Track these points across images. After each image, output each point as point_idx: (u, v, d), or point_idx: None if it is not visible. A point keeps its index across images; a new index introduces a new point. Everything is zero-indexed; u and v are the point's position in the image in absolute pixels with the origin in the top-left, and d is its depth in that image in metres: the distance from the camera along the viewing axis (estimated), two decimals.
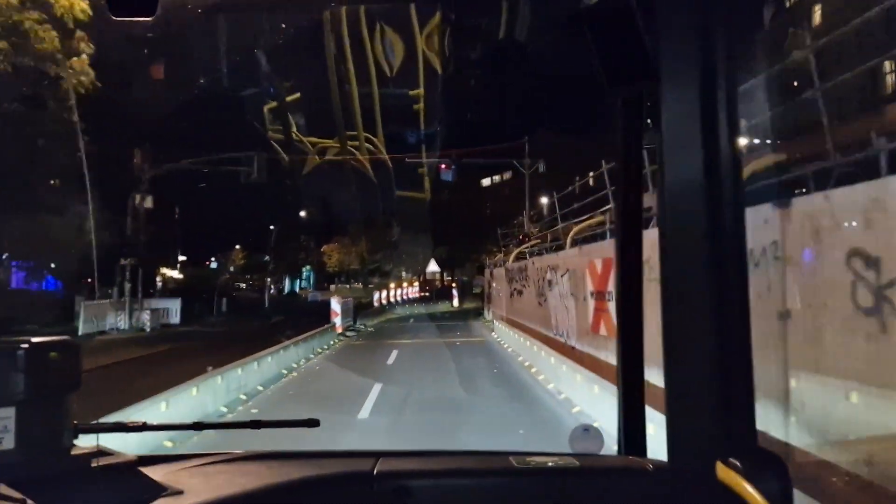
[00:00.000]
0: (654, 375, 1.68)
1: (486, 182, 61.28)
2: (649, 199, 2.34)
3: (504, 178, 55.35)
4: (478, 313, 38.03)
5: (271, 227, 55.85)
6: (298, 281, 67.38)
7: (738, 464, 1.45)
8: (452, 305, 46.46)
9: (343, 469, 1.75)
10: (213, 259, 56.20)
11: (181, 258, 51.60)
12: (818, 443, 5.62)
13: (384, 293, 45.23)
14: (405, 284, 52.86)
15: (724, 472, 1.48)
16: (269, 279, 58.84)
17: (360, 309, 33.67)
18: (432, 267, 50.17)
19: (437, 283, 59.91)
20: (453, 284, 51.72)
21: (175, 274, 48.97)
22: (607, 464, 1.81)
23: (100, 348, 19.34)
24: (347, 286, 62.56)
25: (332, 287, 64.89)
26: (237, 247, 54.12)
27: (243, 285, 62.98)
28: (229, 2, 1.80)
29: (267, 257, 56.64)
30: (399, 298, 47.02)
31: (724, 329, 1.50)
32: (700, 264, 1.52)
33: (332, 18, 17.65)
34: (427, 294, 54.64)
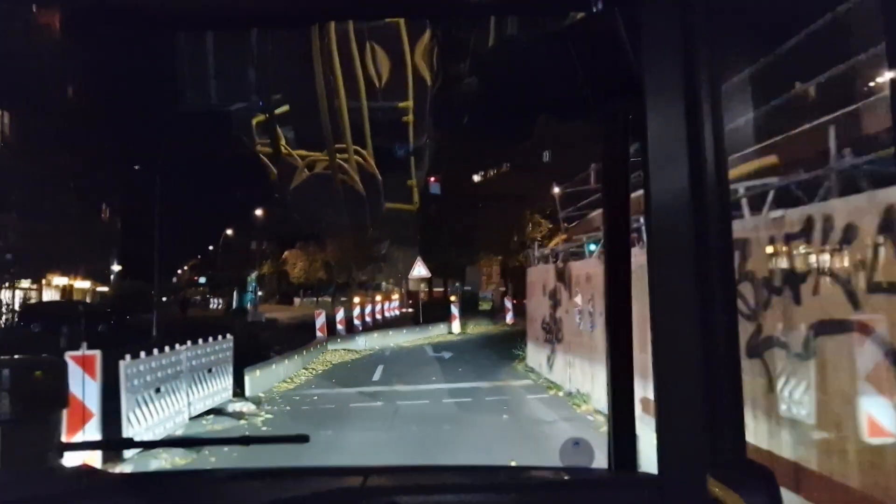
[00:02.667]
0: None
1: (478, 178, 48.28)
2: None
3: (501, 170, 45.32)
4: (506, 350, 20.63)
5: (227, 233, 48.05)
6: (254, 295, 53.23)
7: (729, 476, 1.45)
8: (451, 331, 29.82)
9: (332, 485, 1.74)
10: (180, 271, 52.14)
11: (116, 268, 44.95)
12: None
13: (355, 310, 31.32)
14: (378, 298, 41.55)
15: (714, 485, 1.48)
16: (207, 293, 52.16)
17: (294, 335, 25.02)
18: (419, 270, 32.09)
19: (425, 294, 44.02)
20: (452, 298, 34.94)
21: (102, 287, 43.33)
22: (598, 477, 1.81)
23: None
24: (315, 300, 54.18)
25: (297, 301, 58.13)
26: (198, 257, 49.13)
27: (198, 298, 56.28)
28: (217, 17, 1.80)
29: (202, 275, 49.87)
30: (373, 317, 33.82)
31: (712, 341, 1.51)
32: (687, 278, 1.52)
33: (320, 31, 17.60)
34: (411, 310, 39.73)
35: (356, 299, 39.35)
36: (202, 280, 51.91)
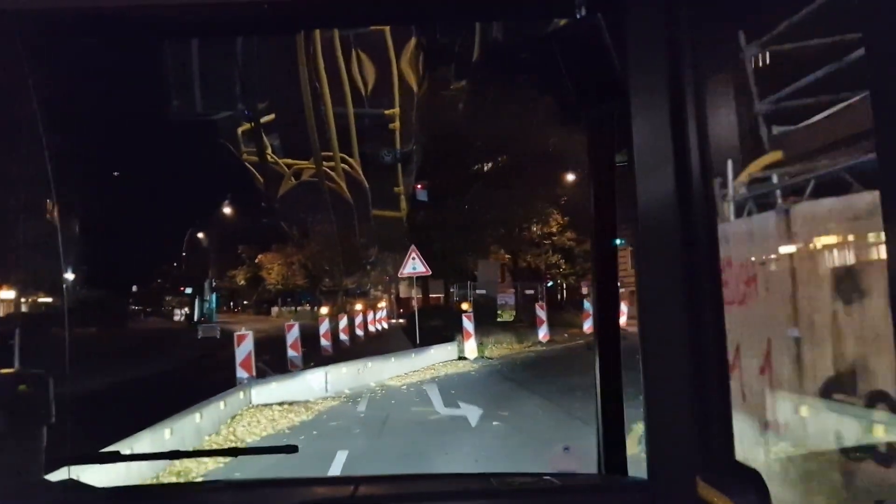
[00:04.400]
0: None
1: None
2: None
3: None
4: (583, 399, 9.71)
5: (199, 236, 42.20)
6: (211, 304, 45.67)
7: (718, 479, 1.46)
8: (464, 355, 19.82)
9: (323, 495, 1.73)
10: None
11: (69, 276, 40.07)
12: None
13: (323, 325, 22.22)
14: (358, 307, 32.45)
15: (704, 489, 1.48)
16: (167, 302, 46.19)
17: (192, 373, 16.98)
18: (413, 265, 23.48)
19: (419, 301, 31.73)
20: (465, 306, 23.63)
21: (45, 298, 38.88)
22: (588, 482, 1.81)
23: None
24: (294, 309, 47.82)
25: (275, 310, 50.88)
26: (174, 264, 43.20)
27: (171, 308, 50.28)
28: (202, 25, 1.79)
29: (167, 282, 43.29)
30: (350, 333, 25.22)
31: (700, 345, 1.51)
32: (675, 281, 1.53)
33: (305, 39, 17.65)
34: (401, 321, 31.96)
35: (324, 309, 32.24)
36: (188, 290, 45.98)
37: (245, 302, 57.09)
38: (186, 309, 46.17)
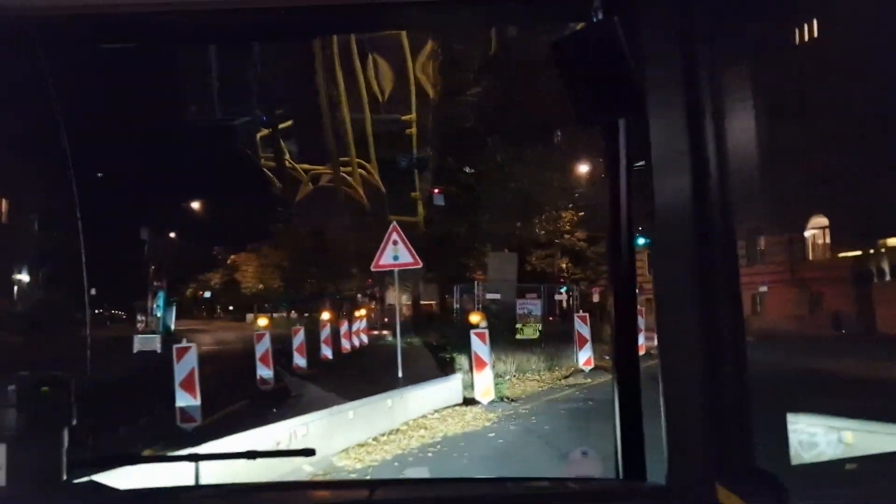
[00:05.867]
0: None
1: None
2: None
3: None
4: None
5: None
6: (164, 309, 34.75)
7: (738, 485, 1.45)
8: (473, 392, 12.13)
9: (340, 498, 1.73)
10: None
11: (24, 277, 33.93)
12: None
13: (259, 345, 14.52)
14: (326, 317, 22.98)
15: (723, 494, 1.47)
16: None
17: (153, 401, 10.62)
18: (395, 253, 13.46)
19: (408, 308, 29.54)
20: (475, 318, 15.63)
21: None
22: (606, 488, 1.80)
23: None
24: (270, 315, 41.01)
25: (250, 316, 44.43)
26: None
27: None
28: (220, 32, 1.82)
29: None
30: (307, 354, 17.11)
31: (718, 350, 1.50)
32: (692, 286, 1.52)
33: (322, 46, 17.79)
34: (386, 333, 24.97)
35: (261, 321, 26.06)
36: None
37: (231, 307, 50.11)
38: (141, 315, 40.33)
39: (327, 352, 19.05)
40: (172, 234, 36.72)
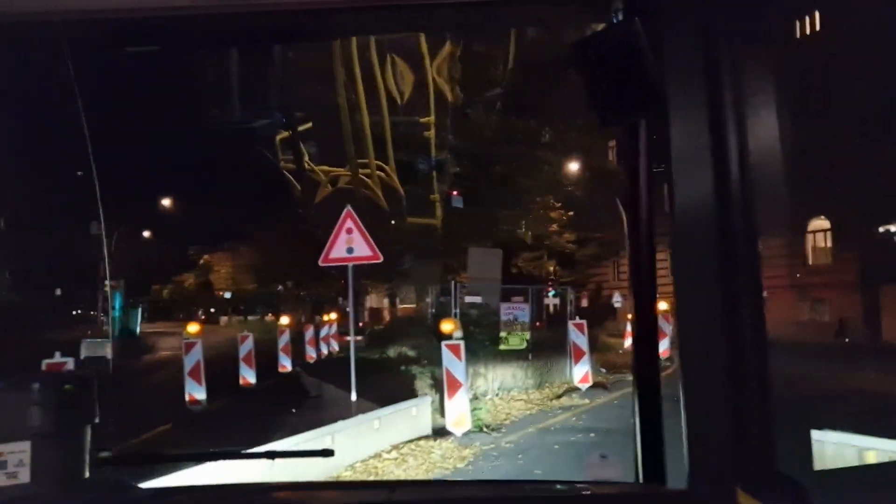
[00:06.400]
0: None
1: None
2: None
3: None
4: None
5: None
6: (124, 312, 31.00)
7: (759, 490, 1.43)
8: (446, 420, 9.89)
9: (359, 499, 1.74)
10: None
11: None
12: None
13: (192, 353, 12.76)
14: (285, 321, 20.61)
15: (744, 499, 1.45)
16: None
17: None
18: (347, 248, 10.79)
19: (387, 310, 28.64)
20: (446, 328, 11.16)
21: None
22: (624, 491, 1.79)
23: None
24: (244, 318, 39.04)
25: (224, 319, 42.49)
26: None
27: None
28: (238, 34, 1.84)
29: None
30: (262, 366, 15.13)
31: (740, 354, 1.49)
32: (714, 289, 1.51)
33: (341, 48, 17.89)
34: (360, 339, 18.98)
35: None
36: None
37: (213, 310, 46.56)
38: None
39: (286, 362, 16.88)
40: (147, 234, 34.44)
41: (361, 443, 8.34)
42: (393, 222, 19.93)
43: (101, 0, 1.61)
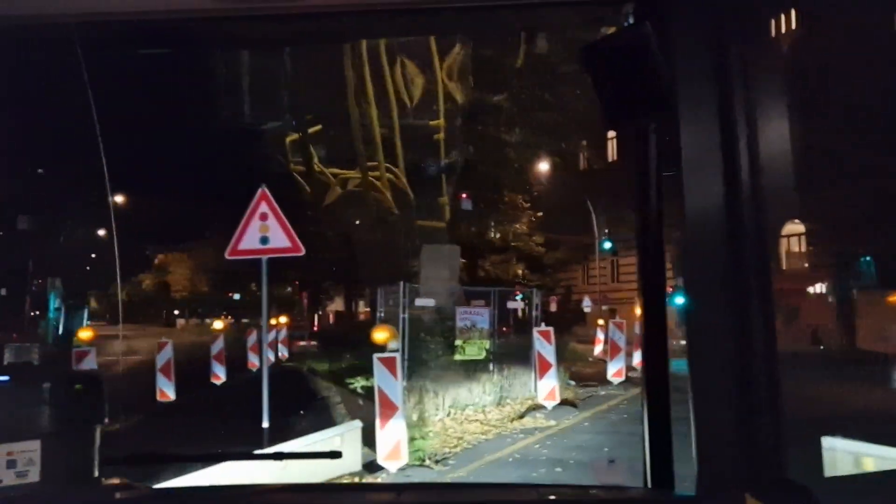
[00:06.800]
0: None
1: None
2: None
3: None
4: None
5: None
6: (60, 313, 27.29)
7: (769, 496, 1.42)
8: (377, 454, 7.87)
9: (366, 501, 1.74)
10: None
11: None
12: None
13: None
14: (218, 324, 22.20)
15: None
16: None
17: None
18: (261, 237, 8.24)
19: (334, 314, 27.65)
20: (379, 337, 9.39)
21: None
22: (633, 497, 1.78)
23: None
24: (201, 321, 36.84)
25: (181, 322, 41.19)
26: None
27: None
28: (249, 37, 1.85)
29: None
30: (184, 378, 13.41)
31: (750, 360, 1.48)
32: (723, 292, 1.50)
33: (352, 51, 17.94)
34: (311, 343, 22.50)
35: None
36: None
37: (178, 313, 44.82)
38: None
39: (220, 371, 15.12)
40: (102, 232, 30.72)
41: (271, 481, 6.42)
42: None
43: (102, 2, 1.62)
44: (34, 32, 1.65)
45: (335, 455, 1.76)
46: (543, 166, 24.66)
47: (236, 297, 35.71)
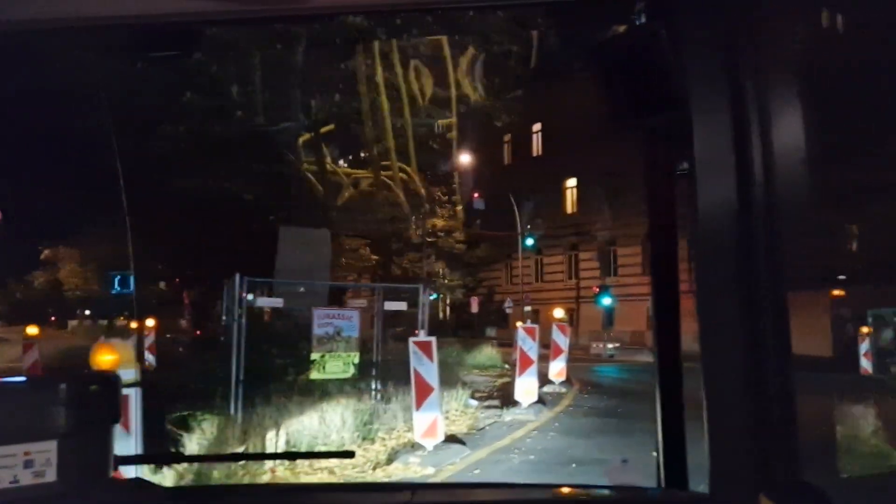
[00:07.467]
0: None
1: None
2: None
3: None
4: None
5: None
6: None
7: (783, 497, 1.41)
8: None
9: (380, 500, 1.74)
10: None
11: None
12: None
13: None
14: (31, 331, 14.79)
15: None
16: None
17: None
18: None
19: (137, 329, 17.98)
20: (109, 361, 4.71)
21: None
22: (647, 497, 1.77)
23: None
24: (95, 321, 33.49)
25: (73, 323, 37.24)
26: None
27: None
28: (262, 37, 1.85)
29: None
30: None
31: (764, 359, 1.47)
32: (736, 293, 1.49)
33: (364, 50, 17.95)
34: (181, 351, 18.59)
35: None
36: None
37: (87, 313, 40.52)
38: None
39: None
40: None
41: None
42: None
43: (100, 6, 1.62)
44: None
45: (348, 455, 1.77)
46: (466, 160, 23.40)
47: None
